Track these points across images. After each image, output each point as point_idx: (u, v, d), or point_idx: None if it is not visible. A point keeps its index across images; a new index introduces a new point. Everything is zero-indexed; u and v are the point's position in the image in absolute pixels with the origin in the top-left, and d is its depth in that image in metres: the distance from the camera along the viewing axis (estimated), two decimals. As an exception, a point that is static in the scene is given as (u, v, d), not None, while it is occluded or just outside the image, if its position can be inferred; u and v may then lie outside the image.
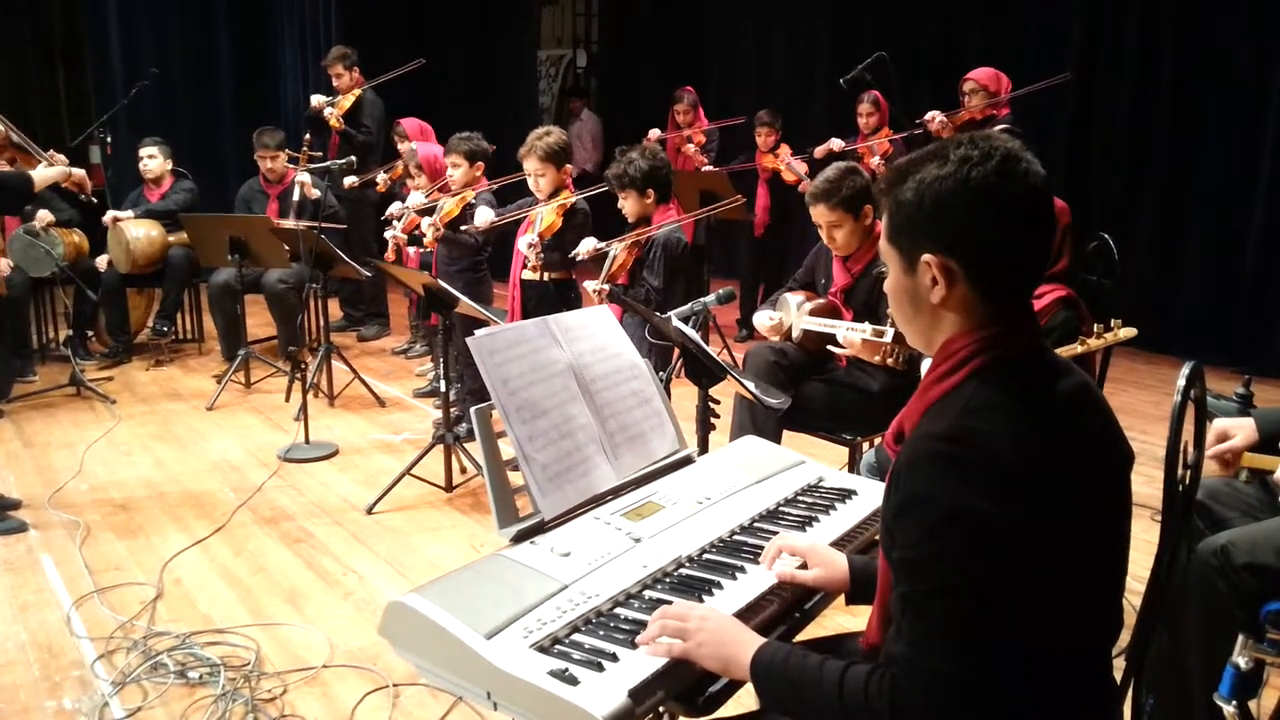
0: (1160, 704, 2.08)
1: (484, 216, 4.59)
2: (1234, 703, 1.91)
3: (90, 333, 6.33)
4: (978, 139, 1.28)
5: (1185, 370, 1.46)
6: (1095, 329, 2.71)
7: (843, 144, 6.33)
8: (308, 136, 6.03)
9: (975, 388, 1.26)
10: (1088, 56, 6.67)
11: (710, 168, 6.76)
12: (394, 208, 5.36)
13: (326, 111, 6.56)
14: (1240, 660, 1.92)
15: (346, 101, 6.63)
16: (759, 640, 1.38)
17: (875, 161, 6.06)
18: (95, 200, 5.20)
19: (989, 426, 1.21)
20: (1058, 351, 2.67)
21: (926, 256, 1.29)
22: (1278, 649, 1.89)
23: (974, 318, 1.30)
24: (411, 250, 5.33)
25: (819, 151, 6.34)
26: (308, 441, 4.59)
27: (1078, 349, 2.68)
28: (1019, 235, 1.28)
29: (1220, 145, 6.12)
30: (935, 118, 5.59)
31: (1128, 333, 2.69)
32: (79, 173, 5.93)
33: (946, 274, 1.28)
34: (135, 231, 5.97)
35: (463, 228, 4.76)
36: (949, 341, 1.32)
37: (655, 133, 6.98)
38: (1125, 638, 2.82)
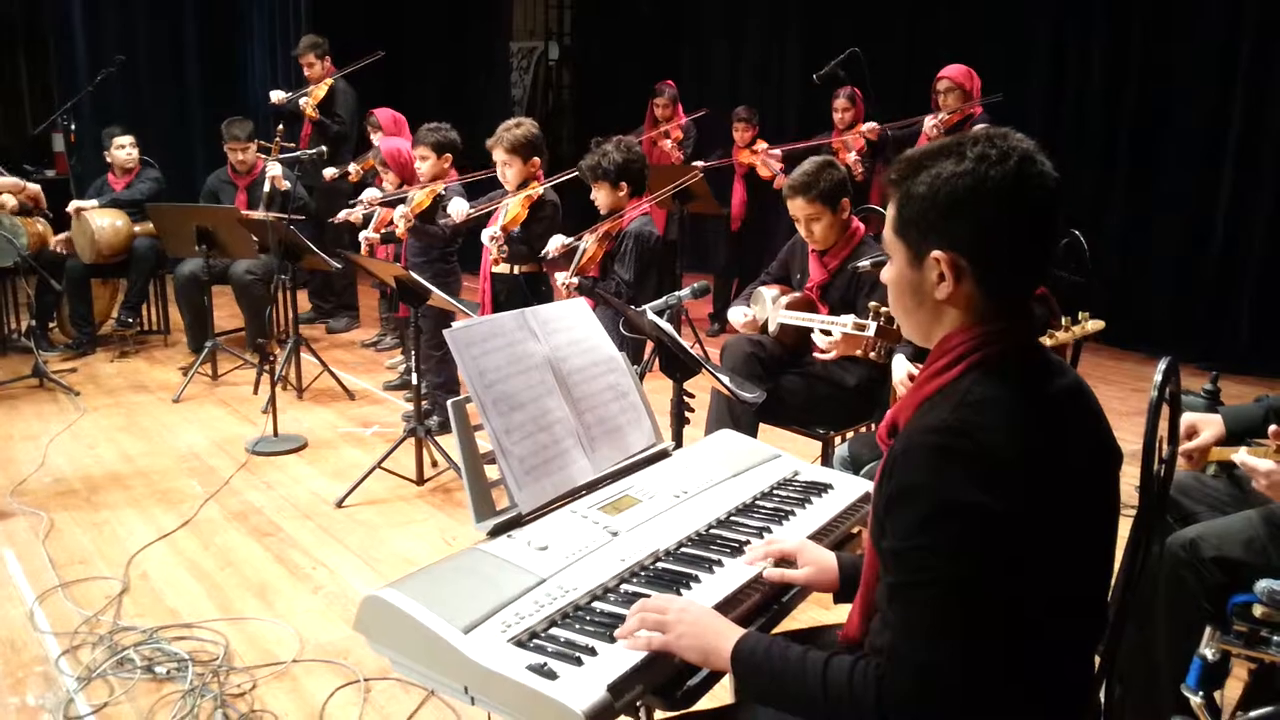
0: (1129, 694, 2.11)
1: (459, 208, 4.55)
2: (1201, 693, 1.94)
3: (53, 324, 6.23)
4: (995, 137, 1.27)
5: (1162, 366, 1.47)
6: (1064, 322, 2.73)
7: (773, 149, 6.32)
8: (280, 127, 5.96)
9: (972, 382, 1.26)
10: (1056, 55, 6.73)
11: (697, 163, 6.74)
12: (364, 195, 5.26)
13: (301, 101, 6.49)
14: (1207, 652, 1.95)
15: (320, 91, 6.55)
16: (739, 631, 1.38)
17: (851, 157, 6.08)
18: (50, 215, 5.14)
19: (985, 420, 1.21)
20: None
21: (936, 253, 1.28)
22: (1244, 640, 1.92)
23: (975, 314, 1.30)
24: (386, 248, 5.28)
25: (780, 163, 6.37)
26: (276, 434, 4.54)
27: (1046, 343, 2.70)
28: (1032, 238, 1.28)
29: (1185, 146, 6.20)
30: (926, 122, 5.58)
31: (1095, 325, 2.71)
32: (34, 188, 5.86)
33: (955, 271, 1.28)
34: (100, 221, 5.87)
35: (440, 220, 4.72)
36: (948, 337, 1.32)
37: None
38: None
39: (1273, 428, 1.86)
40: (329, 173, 6.24)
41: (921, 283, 1.32)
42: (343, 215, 5.19)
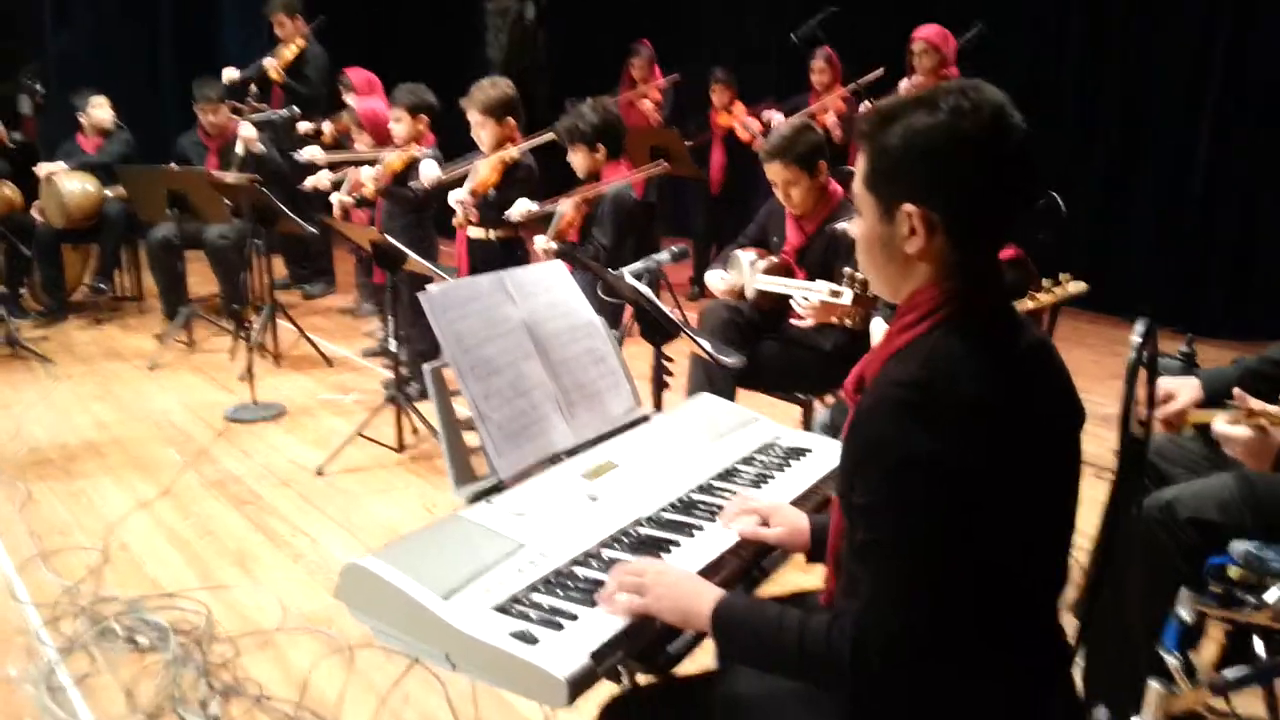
0: (1105, 655, 2.13)
1: (430, 172, 4.49)
2: (1176, 654, 1.96)
3: (23, 290, 6.14)
4: (968, 89, 1.26)
5: (1139, 328, 1.47)
6: (1044, 284, 2.73)
7: (779, 115, 6.28)
8: (253, 88, 5.85)
9: (940, 337, 1.26)
10: (1038, 15, 6.70)
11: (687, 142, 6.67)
12: (305, 152, 5.11)
13: (266, 62, 6.35)
14: (1183, 612, 1.97)
15: (288, 52, 6.42)
16: (718, 592, 1.38)
17: (830, 119, 6.04)
18: (13, 146, 4.99)
19: (952, 374, 1.21)
20: (1009, 308, 2.70)
21: (908, 206, 1.27)
22: (1219, 601, 1.94)
23: (945, 269, 1.29)
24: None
25: (760, 123, 6.32)
26: (254, 402, 4.51)
27: (1028, 304, 2.71)
28: (1005, 192, 1.28)
29: (1163, 111, 6.19)
30: (901, 86, 5.55)
31: (1077, 287, 2.71)
32: None
33: (927, 224, 1.26)
34: (70, 185, 5.78)
35: (411, 184, 4.66)
36: (917, 292, 1.31)
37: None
38: (1073, 593, 2.88)
39: (1236, 390, 1.87)
40: (303, 126, 6.10)
41: (892, 237, 1.30)
42: (310, 183, 5.09)
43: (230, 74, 6.41)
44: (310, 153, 5.06)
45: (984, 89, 1.26)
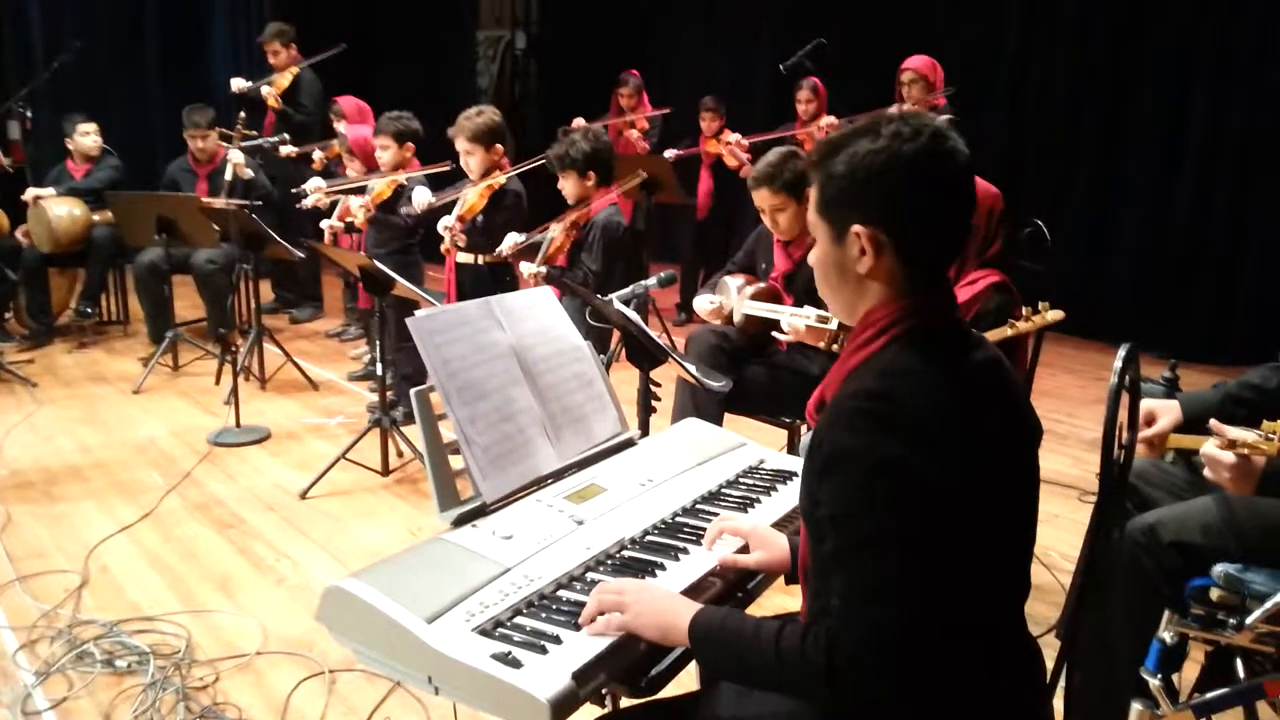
0: (1088, 677, 2.13)
1: (422, 198, 4.51)
2: (1159, 675, 1.97)
3: (9, 314, 6.11)
4: (908, 117, 1.33)
5: (1121, 353, 1.49)
6: (1024, 312, 2.76)
7: (740, 142, 6.36)
8: (242, 115, 5.87)
9: (895, 353, 1.31)
10: (1023, 46, 6.79)
11: (671, 151, 6.71)
12: (309, 184, 5.17)
13: (264, 90, 6.40)
14: (1166, 635, 1.98)
15: (284, 80, 6.46)
16: (696, 606, 1.39)
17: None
18: (12, 170, 4.98)
19: (908, 386, 1.26)
20: (988, 335, 2.72)
21: (856, 227, 1.33)
22: (1201, 623, 1.95)
23: (897, 287, 1.35)
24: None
25: (741, 146, 6.39)
26: (239, 425, 4.49)
27: (1007, 332, 2.73)
28: (945, 209, 1.34)
29: (1147, 141, 6.28)
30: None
31: (1055, 315, 2.74)
32: None
33: (875, 244, 1.33)
34: (58, 210, 5.77)
35: (402, 209, 4.68)
36: (871, 310, 1.37)
37: (580, 121, 6.80)
38: (1056, 615, 2.89)
39: (1213, 422, 1.89)
40: (286, 150, 6.11)
41: (844, 259, 1.37)
42: (310, 201, 5.10)
43: (238, 84, 6.44)
44: (315, 184, 5.09)
45: (923, 116, 1.34)
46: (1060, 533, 3.53)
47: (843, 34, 6.82)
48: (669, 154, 6.63)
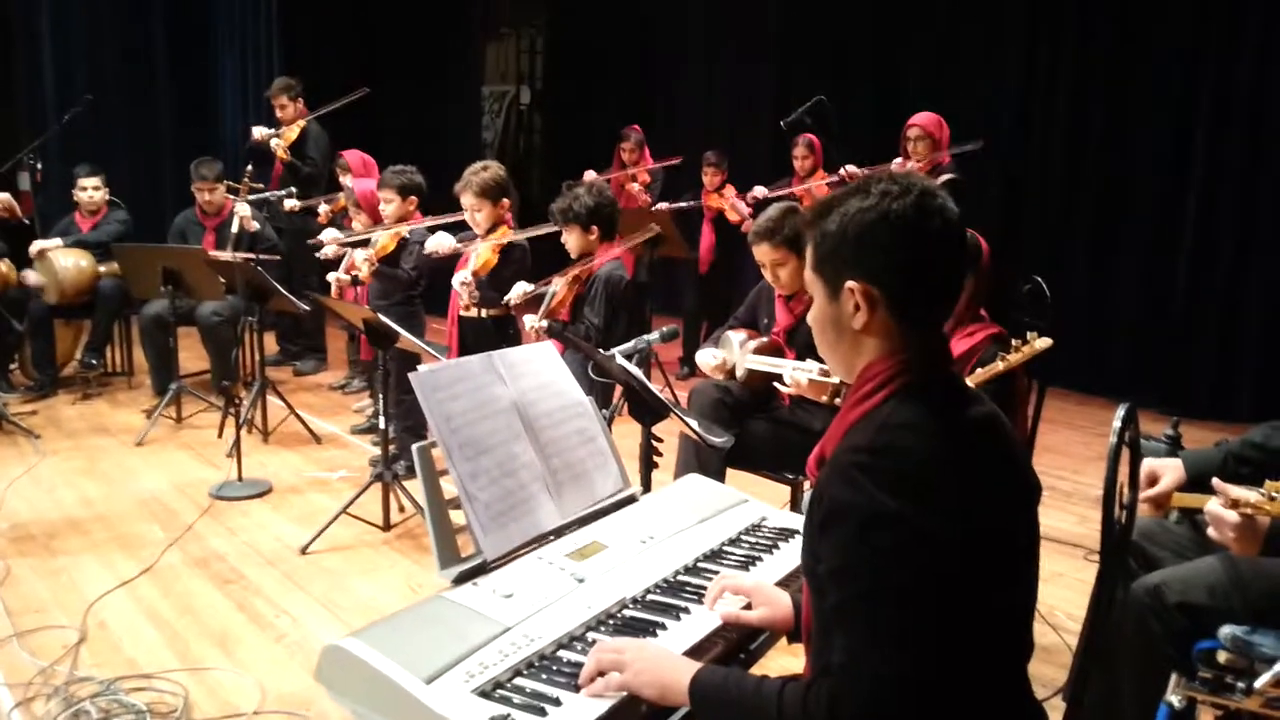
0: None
1: (446, 241, 4.50)
2: (1168, 740, 1.94)
3: (14, 365, 6.13)
4: (897, 177, 1.37)
5: (1120, 412, 1.49)
6: (1013, 343, 2.76)
7: (765, 191, 6.43)
8: (249, 168, 5.94)
9: (893, 407, 1.32)
10: (1022, 103, 6.87)
11: (663, 205, 6.78)
12: (325, 235, 5.24)
13: (273, 143, 6.49)
14: (1174, 699, 1.96)
15: (291, 133, 6.56)
16: (695, 665, 1.40)
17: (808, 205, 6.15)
18: (27, 222, 5.03)
19: (906, 441, 1.27)
20: (980, 372, 2.72)
21: (850, 283, 1.36)
22: (1209, 686, 1.93)
23: (892, 342, 1.37)
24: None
25: (750, 198, 6.45)
26: (240, 479, 4.48)
27: (998, 366, 2.72)
28: (934, 264, 1.37)
29: (1148, 195, 6.32)
30: (893, 167, 5.70)
31: (1043, 343, 2.73)
32: (4, 197, 5.76)
33: (868, 300, 1.36)
34: (65, 261, 5.82)
35: (404, 263, 4.71)
36: (869, 366, 1.39)
37: (591, 174, 6.91)
38: (1063, 677, 2.85)
39: (1216, 481, 1.89)
40: (290, 204, 6.18)
41: (840, 315, 1.40)
42: (329, 252, 5.15)
43: (260, 131, 6.55)
44: (331, 234, 5.16)
45: (912, 177, 1.38)
46: (1066, 592, 3.49)
47: (846, 90, 6.92)
48: (660, 206, 6.70)
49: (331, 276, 5.02)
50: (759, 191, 6.44)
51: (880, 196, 1.34)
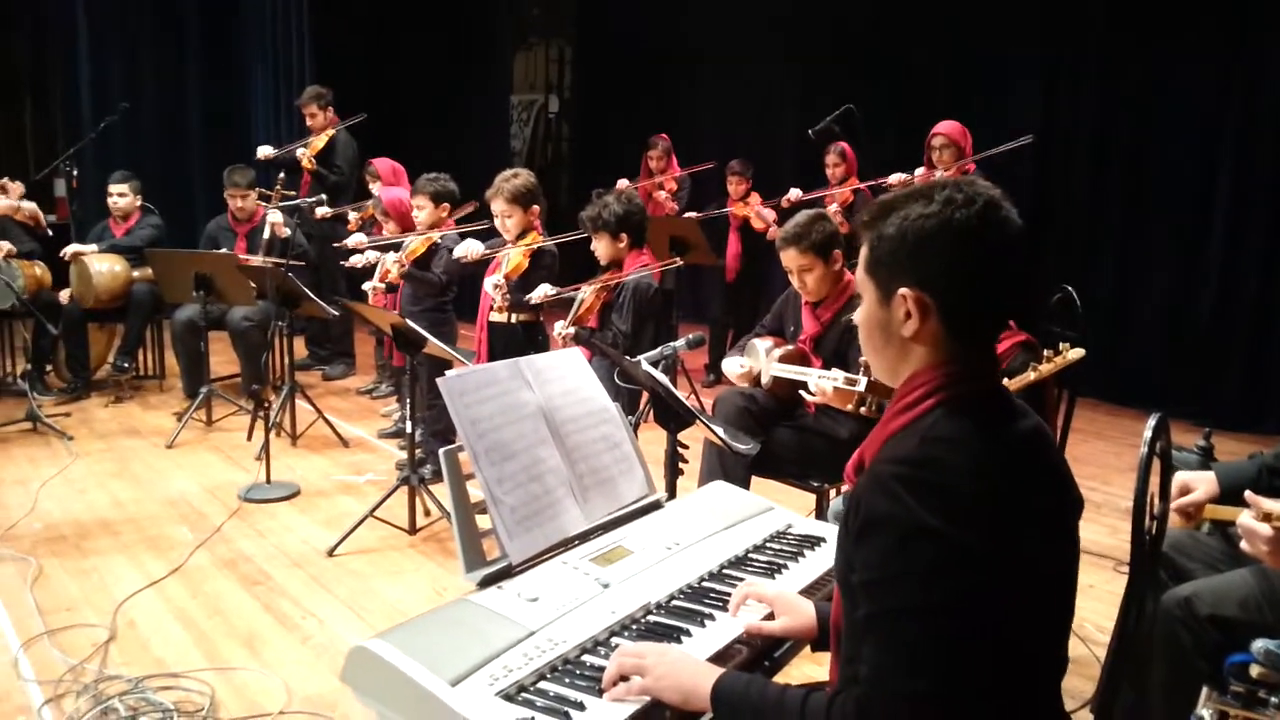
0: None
1: (472, 247, 4.54)
2: (1199, 755, 1.91)
3: (49, 367, 6.22)
4: (963, 184, 1.33)
5: (1151, 422, 1.48)
6: (1045, 354, 2.73)
7: (800, 194, 6.42)
8: (281, 175, 6.01)
9: (938, 419, 1.30)
10: (1049, 111, 6.82)
11: (692, 214, 6.79)
12: (352, 240, 5.28)
13: (299, 152, 6.56)
14: (1205, 713, 1.93)
15: (319, 142, 6.63)
16: (718, 671, 1.39)
17: (832, 209, 6.13)
18: (51, 233, 5.11)
19: (949, 455, 1.24)
20: (1011, 383, 2.70)
21: (903, 290, 1.32)
22: (1241, 700, 1.90)
23: (941, 353, 1.34)
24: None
25: (785, 201, 6.43)
26: (269, 481, 4.52)
27: (1030, 376, 2.70)
28: (994, 278, 1.33)
29: (1175, 205, 6.26)
30: (900, 179, 5.70)
31: (1076, 354, 2.71)
32: (29, 206, 5.85)
33: (921, 308, 1.32)
34: (99, 266, 5.90)
35: (434, 268, 4.75)
36: (915, 374, 1.35)
37: (624, 183, 6.96)
38: (1091, 689, 2.82)
39: (1249, 494, 1.86)
40: (321, 211, 6.23)
41: (890, 320, 1.36)
42: (359, 260, 5.20)
43: (265, 151, 6.63)
44: (357, 239, 5.22)
45: (977, 184, 1.33)
46: (1096, 604, 3.46)
47: (871, 99, 6.90)
48: (689, 216, 6.70)
49: (367, 286, 5.06)
50: (794, 194, 6.43)
51: (944, 204, 1.30)
